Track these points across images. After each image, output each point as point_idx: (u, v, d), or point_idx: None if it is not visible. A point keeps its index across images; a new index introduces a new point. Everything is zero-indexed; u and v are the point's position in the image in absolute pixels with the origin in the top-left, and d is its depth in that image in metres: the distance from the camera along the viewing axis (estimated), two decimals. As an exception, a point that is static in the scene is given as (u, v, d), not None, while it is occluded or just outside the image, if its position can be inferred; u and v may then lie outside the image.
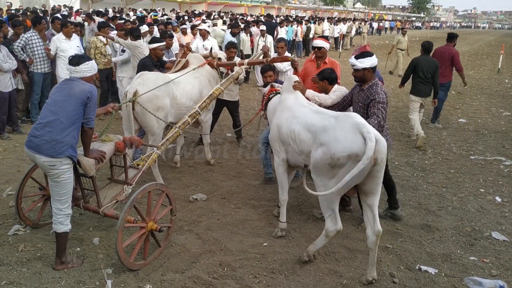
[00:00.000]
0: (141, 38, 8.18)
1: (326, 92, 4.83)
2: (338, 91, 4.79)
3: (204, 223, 4.68)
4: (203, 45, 9.67)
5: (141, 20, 13.84)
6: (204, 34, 9.85)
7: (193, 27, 11.78)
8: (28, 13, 11.64)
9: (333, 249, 4.24)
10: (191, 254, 4.07)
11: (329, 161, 3.58)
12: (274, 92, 4.96)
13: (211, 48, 6.51)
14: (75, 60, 3.68)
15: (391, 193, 4.87)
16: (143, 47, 7.73)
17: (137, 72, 5.73)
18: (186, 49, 6.46)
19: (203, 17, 19.44)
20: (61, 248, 3.71)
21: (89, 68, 3.71)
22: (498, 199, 5.53)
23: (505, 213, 5.14)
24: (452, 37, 8.70)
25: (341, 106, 4.72)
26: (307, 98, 4.58)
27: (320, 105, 4.62)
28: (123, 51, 8.18)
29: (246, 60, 6.08)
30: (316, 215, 4.89)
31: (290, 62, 5.84)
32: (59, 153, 3.48)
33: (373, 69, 4.39)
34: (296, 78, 4.70)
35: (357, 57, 4.42)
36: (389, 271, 3.91)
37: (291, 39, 18.89)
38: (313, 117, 3.99)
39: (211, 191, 5.48)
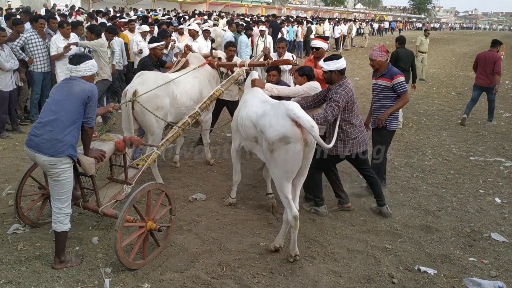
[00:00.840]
0: (101, 36, 7.87)
1: None
2: (305, 85, 4.96)
3: (203, 223, 4.68)
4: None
5: (145, 19, 13.84)
6: (194, 35, 9.73)
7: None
8: (23, 13, 11.50)
9: (332, 250, 4.24)
10: (190, 253, 4.07)
11: (267, 147, 3.97)
12: None
13: (211, 48, 6.51)
14: (76, 59, 3.66)
15: (374, 190, 5.01)
16: (106, 44, 7.78)
17: (137, 71, 5.73)
18: (186, 48, 6.46)
19: (205, 17, 19.44)
20: (60, 247, 3.71)
21: (90, 67, 3.70)
22: (497, 200, 5.52)
23: (505, 214, 5.14)
24: (495, 43, 9.25)
25: (313, 101, 4.85)
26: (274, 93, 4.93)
27: (280, 97, 4.92)
28: (90, 52, 7.89)
29: (247, 62, 6.08)
30: (305, 208, 5.04)
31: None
32: (59, 152, 3.47)
33: (339, 72, 4.55)
34: (255, 76, 5.10)
35: (325, 60, 4.65)
36: (388, 272, 3.91)
37: (292, 39, 18.91)
38: (256, 105, 4.43)
39: (210, 191, 5.48)
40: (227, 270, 3.84)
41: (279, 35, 15.41)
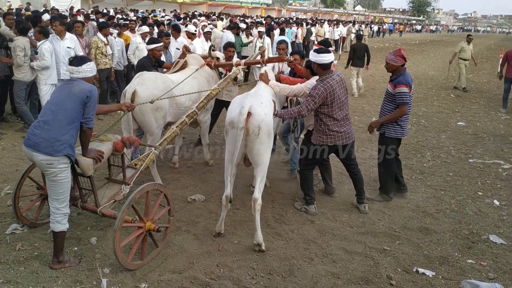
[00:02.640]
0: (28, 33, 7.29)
1: (307, 79, 5.14)
2: (305, 84, 5.00)
3: (202, 223, 4.68)
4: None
5: (145, 20, 13.87)
6: (190, 37, 9.79)
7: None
8: (27, 13, 11.44)
9: (330, 251, 4.25)
10: (188, 254, 4.07)
11: (225, 129, 4.42)
12: None
13: (210, 49, 6.51)
14: (77, 61, 3.69)
15: (356, 187, 5.16)
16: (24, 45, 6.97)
17: (136, 72, 5.73)
18: (184, 49, 6.46)
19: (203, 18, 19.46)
20: (59, 247, 3.71)
21: (91, 68, 3.74)
22: (496, 202, 5.53)
23: (503, 216, 5.14)
24: None
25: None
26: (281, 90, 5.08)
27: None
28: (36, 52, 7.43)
29: (243, 61, 6.12)
30: (296, 207, 5.15)
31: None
32: (57, 151, 3.47)
33: (320, 66, 4.64)
34: (262, 71, 5.23)
35: (314, 50, 4.79)
36: (387, 273, 3.91)
37: (291, 41, 18.91)
38: (241, 96, 4.67)
39: (209, 192, 5.47)
40: (225, 271, 3.84)
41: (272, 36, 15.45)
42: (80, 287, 3.52)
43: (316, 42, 5.90)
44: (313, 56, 4.66)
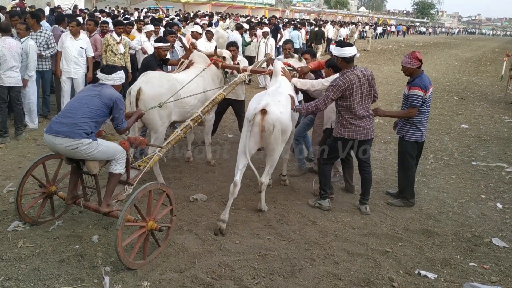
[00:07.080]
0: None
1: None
2: (326, 79, 5.10)
3: (203, 223, 4.67)
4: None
5: (153, 19, 13.92)
6: (196, 37, 9.86)
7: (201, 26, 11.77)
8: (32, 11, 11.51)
9: (332, 252, 4.24)
10: (190, 254, 4.06)
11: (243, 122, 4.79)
12: None
13: (216, 47, 6.51)
14: (108, 70, 3.98)
15: (363, 187, 5.14)
16: None
17: (141, 71, 5.73)
18: (191, 46, 6.47)
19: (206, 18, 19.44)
20: (111, 189, 3.96)
21: (120, 77, 4.02)
22: (499, 205, 5.51)
23: (506, 220, 5.12)
24: None
25: None
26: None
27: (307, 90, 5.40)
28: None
29: (250, 67, 6.11)
30: (310, 204, 5.22)
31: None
32: (76, 134, 3.65)
33: (343, 59, 4.71)
34: (278, 65, 5.37)
35: (336, 45, 4.88)
36: (389, 275, 3.89)
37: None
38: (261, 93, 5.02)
39: (211, 192, 5.47)
40: (227, 270, 3.84)
41: (278, 36, 15.47)
42: (81, 285, 3.52)
43: (333, 42, 5.92)
44: (336, 51, 4.72)
